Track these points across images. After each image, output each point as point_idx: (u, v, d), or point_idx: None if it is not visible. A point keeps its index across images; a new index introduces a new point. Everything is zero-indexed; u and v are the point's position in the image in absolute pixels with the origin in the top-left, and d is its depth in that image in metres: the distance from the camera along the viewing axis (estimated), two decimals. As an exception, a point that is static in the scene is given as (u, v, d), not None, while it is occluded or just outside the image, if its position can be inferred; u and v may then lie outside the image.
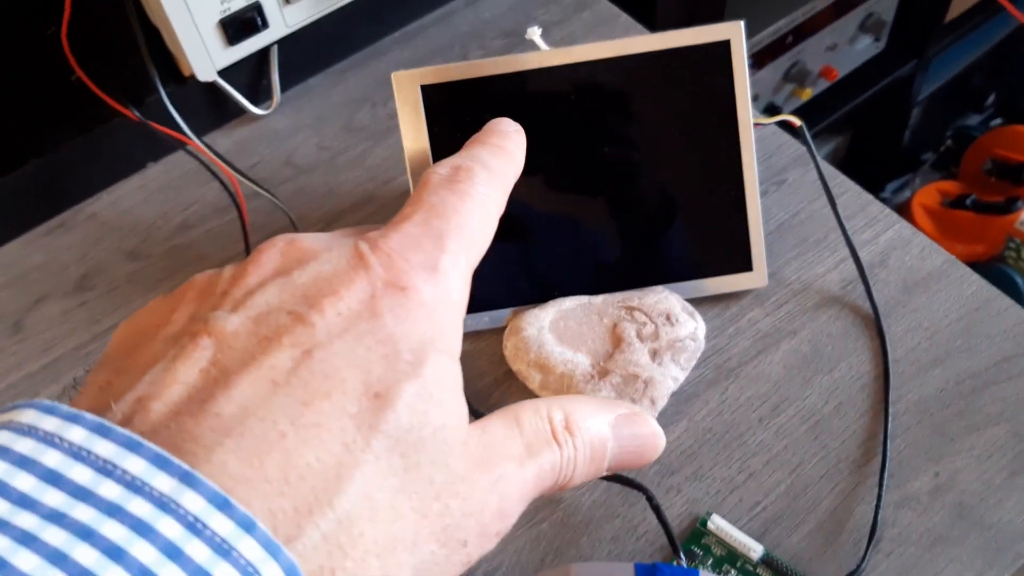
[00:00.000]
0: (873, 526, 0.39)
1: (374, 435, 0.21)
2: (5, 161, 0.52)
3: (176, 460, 0.18)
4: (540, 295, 0.45)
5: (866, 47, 1.08)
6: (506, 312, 0.45)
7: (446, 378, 0.23)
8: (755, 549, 0.39)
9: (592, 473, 0.27)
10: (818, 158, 0.47)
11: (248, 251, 0.52)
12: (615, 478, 0.40)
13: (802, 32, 0.98)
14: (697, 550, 0.39)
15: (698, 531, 0.40)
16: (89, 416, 0.18)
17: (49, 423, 0.18)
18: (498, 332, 0.45)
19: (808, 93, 1.03)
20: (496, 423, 0.25)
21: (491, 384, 0.45)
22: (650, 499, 0.39)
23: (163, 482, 0.17)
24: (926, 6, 1.08)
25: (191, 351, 0.21)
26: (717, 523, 0.40)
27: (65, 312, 0.51)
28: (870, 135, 1.25)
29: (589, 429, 0.26)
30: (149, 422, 0.19)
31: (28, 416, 0.18)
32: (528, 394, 0.44)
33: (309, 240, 0.25)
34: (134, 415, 0.20)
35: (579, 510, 0.41)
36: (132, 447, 0.18)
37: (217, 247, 0.53)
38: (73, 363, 0.48)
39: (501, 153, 0.29)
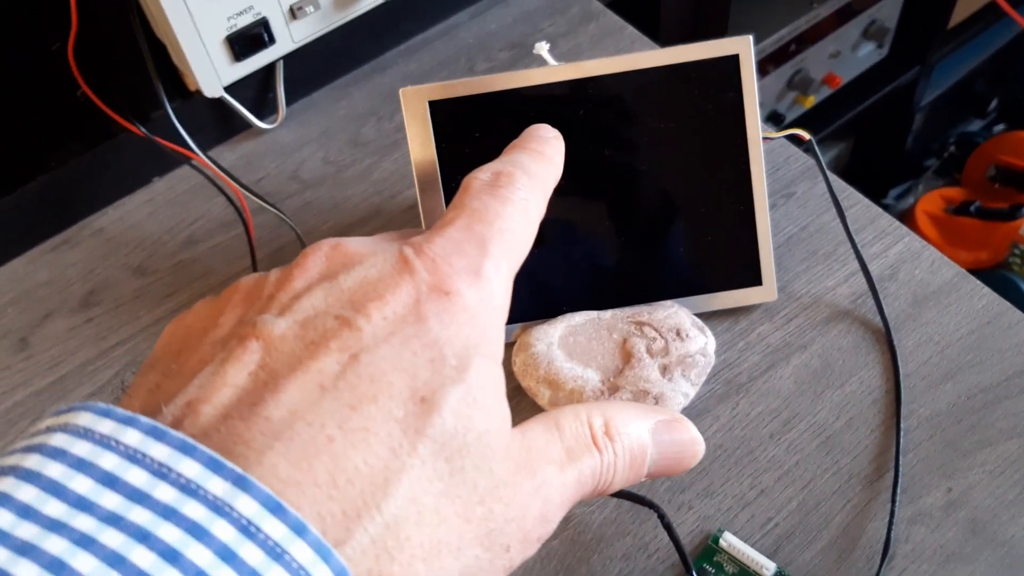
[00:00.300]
0: (886, 542, 0.39)
1: (420, 439, 0.21)
2: (11, 177, 0.52)
3: (229, 464, 0.18)
4: (549, 310, 0.45)
5: (869, 54, 1.08)
6: (514, 328, 0.45)
7: (490, 383, 0.23)
8: (767, 567, 0.39)
9: (632, 479, 0.27)
10: (827, 171, 0.47)
11: (255, 266, 0.52)
12: (626, 495, 0.40)
13: (805, 40, 0.98)
14: (709, 568, 0.39)
15: (710, 548, 0.40)
16: (144, 419, 0.18)
17: (105, 426, 0.18)
18: (507, 348, 0.45)
19: (811, 100, 1.03)
20: (537, 428, 0.25)
21: (500, 400, 0.45)
22: (661, 516, 0.38)
23: (217, 485, 0.18)
24: (929, 13, 1.08)
25: (239, 354, 0.21)
26: (729, 540, 0.39)
27: (71, 329, 0.50)
28: (873, 141, 1.25)
29: (629, 435, 0.26)
30: (199, 425, 0.20)
31: (84, 419, 0.18)
32: (537, 410, 0.44)
33: (354, 244, 0.25)
34: (184, 418, 0.20)
35: (590, 528, 0.41)
36: (186, 450, 0.18)
37: (223, 262, 0.52)
38: (80, 380, 0.48)
39: (541, 158, 0.29)
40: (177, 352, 0.23)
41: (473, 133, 0.43)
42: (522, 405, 0.44)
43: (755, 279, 0.45)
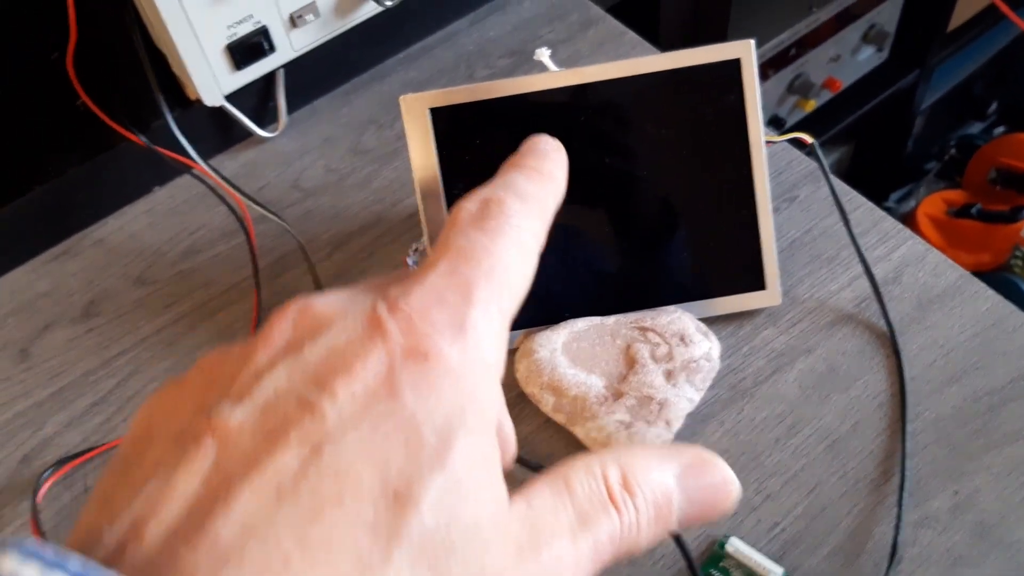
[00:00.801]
0: (893, 546, 0.39)
1: (395, 544, 0.18)
2: (11, 187, 0.52)
3: None
4: (552, 316, 0.45)
5: (869, 58, 1.08)
6: (517, 334, 0.45)
7: (478, 461, 0.20)
8: (774, 571, 0.38)
9: (659, 533, 0.23)
10: (830, 175, 0.47)
11: (256, 275, 0.51)
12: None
13: (805, 44, 0.98)
14: (716, 573, 0.39)
15: (716, 554, 0.39)
16: (74, 559, 0.16)
17: (29, 571, 0.16)
18: (509, 354, 0.45)
19: (812, 104, 1.03)
20: (543, 492, 0.22)
21: (503, 407, 0.45)
22: (667, 523, 0.38)
23: None
24: (928, 16, 1.08)
25: (193, 455, 0.19)
26: (736, 546, 0.39)
27: (72, 339, 0.50)
28: (874, 145, 1.25)
29: (650, 484, 0.22)
30: (142, 553, 0.17)
31: (8, 563, 0.16)
32: (540, 417, 0.44)
33: (322, 305, 0.22)
34: (128, 543, 0.18)
35: (595, 534, 0.40)
36: None
37: (225, 272, 0.52)
38: (81, 390, 0.48)
39: (538, 177, 0.26)
40: (140, 449, 0.20)
41: (474, 140, 0.43)
42: (525, 412, 0.44)
43: (759, 283, 0.45)
